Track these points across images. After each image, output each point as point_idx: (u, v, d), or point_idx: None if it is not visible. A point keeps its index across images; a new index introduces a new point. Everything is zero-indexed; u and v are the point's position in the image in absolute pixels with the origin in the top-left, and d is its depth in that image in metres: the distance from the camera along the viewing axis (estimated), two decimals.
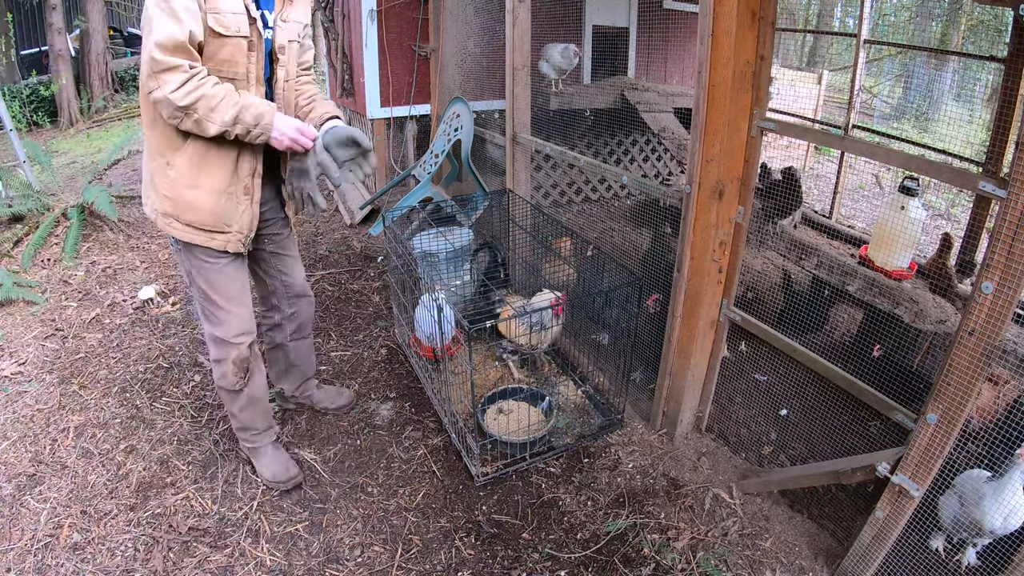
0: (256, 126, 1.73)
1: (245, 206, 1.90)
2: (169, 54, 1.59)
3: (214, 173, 1.82)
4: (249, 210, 1.92)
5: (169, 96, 1.61)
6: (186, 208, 1.84)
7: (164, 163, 1.81)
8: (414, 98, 4.59)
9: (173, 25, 1.58)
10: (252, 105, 1.72)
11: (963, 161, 3.55)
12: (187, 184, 1.81)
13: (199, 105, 1.65)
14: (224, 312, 1.97)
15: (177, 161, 1.79)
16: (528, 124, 3.12)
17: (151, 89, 1.63)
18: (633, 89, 4.54)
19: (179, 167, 1.80)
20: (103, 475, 2.23)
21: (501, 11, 2.99)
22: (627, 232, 4.31)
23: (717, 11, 1.76)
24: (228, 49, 1.71)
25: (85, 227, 4.24)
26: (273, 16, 1.83)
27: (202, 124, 1.68)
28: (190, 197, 1.83)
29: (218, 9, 1.65)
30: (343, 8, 4.98)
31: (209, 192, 1.83)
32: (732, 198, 1.97)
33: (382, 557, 1.93)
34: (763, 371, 2.58)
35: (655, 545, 1.95)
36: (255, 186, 1.90)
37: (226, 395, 2.11)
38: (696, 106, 1.90)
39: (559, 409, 2.48)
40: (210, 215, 1.86)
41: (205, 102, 1.66)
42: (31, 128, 8.66)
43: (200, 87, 1.64)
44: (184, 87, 1.62)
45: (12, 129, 4.83)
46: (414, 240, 2.99)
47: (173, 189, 1.82)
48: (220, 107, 1.67)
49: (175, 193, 1.82)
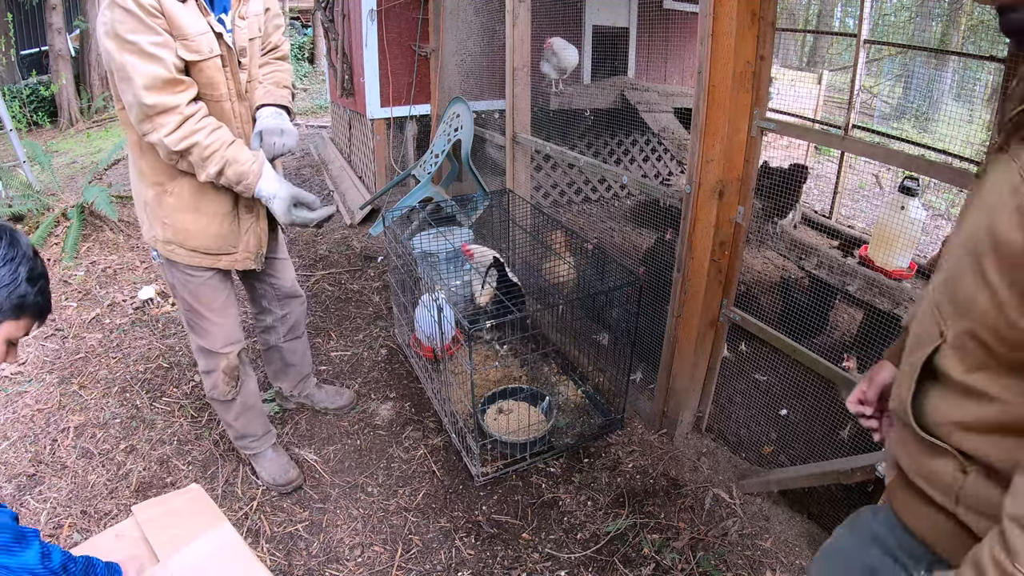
0: (239, 184, 1.71)
1: (249, 224, 1.87)
2: (159, 94, 1.54)
3: (216, 195, 1.78)
4: (255, 227, 1.88)
5: (164, 140, 1.58)
6: (187, 235, 1.80)
7: (161, 190, 1.76)
8: (414, 98, 4.59)
9: (152, 65, 1.51)
10: (237, 162, 1.68)
11: (963, 161, 3.55)
12: (187, 209, 1.77)
13: (193, 151, 1.62)
14: (210, 323, 1.95)
15: (175, 187, 1.75)
16: (528, 124, 3.12)
17: (145, 132, 1.59)
18: (633, 89, 4.55)
19: (178, 193, 1.75)
20: (103, 475, 2.23)
21: (501, 11, 2.99)
22: (627, 232, 4.31)
23: (717, 11, 1.76)
24: (206, 73, 1.66)
25: (85, 227, 4.24)
26: (230, 16, 1.72)
27: (195, 169, 1.66)
28: (191, 222, 1.78)
29: (186, 35, 1.57)
30: (343, 8, 4.98)
31: (212, 216, 1.79)
32: (732, 198, 1.97)
33: (382, 557, 1.93)
34: (763, 371, 2.58)
35: (655, 545, 1.95)
36: (258, 205, 1.86)
37: (220, 406, 2.09)
38: (696, 106, 1.90)
39: (559, 409, 2.48)
40: (215, 239, 1.82)
41: (198, 151, 1.62)
42: (31, 128, 8.67)
43: (194, 133, 1.60)
44: (179, 131, 1.58)
45: (12, 129, 4.84)
46: (414, 240, 2.99)
47: (172, 216, 1.77)
48: (211, 159, 1.64)
49: (175, 220, 1.78)
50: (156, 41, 1.51)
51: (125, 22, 1.47)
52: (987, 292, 0.68)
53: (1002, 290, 0.66)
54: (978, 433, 0.75)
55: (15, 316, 1.13)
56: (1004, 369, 0.70)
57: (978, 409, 0.74)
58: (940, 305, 0.78)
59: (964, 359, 0.74)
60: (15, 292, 1.12)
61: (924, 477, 0.83)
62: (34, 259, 1.16)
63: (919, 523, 0.87)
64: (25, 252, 1.15)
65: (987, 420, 0.73)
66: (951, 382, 0.77)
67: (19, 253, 1.13)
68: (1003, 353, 0.69)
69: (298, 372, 2.46)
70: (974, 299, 0.71)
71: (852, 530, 1.05)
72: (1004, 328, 0.67)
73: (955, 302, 0.75)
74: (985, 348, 0.71)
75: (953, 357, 0.76)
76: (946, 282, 0.78)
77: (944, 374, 0.77)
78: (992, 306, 0.68)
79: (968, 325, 0.72)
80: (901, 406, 0.84)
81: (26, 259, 1.14)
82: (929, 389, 0.80)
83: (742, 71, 1.81)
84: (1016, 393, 0.70)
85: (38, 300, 1.17)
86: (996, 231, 0.66)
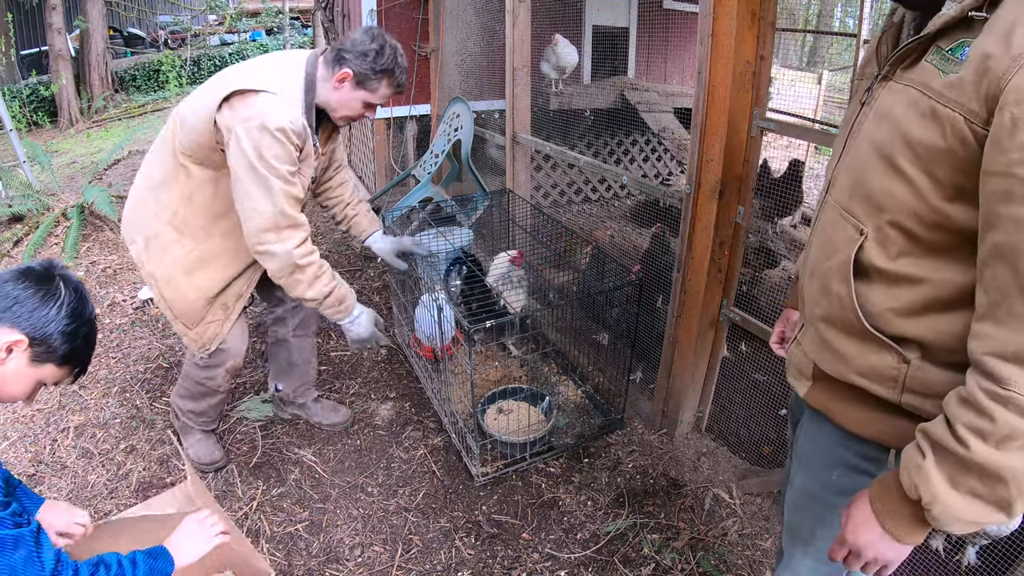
0: (339, 304, 1.87)
1: (218, 319, 1.93)
2: (296, 209, 1.70)
3: (210, 275, 1.87)
4: (217, 327, 1.94)
5: (292, 251, 1.70)
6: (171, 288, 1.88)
7: (178, 237, 1.85)
8: (414, 98, 4.59)
9: (291, 186, 1.68)
10: (342, 284, 1.87)
11: None
12: (184, 270, 1.86)
13: (309, 269, 1.75)
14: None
15: (190, 246, 1.85)
16: (528, 124, 3.12)
17: (264, 242, 1.69)
18: (633, 89, 4.55)
19: (188, 252, 1.85)
20: (103, 475, 2.23)
21: (501, 11, 3.00)
22: (627, 232, 4.31)
23: (717, 11, 1.76)
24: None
25: (85, 227, 4.24)
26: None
27: (299, 285, 1.77)
28: (180, 282, 1.87)
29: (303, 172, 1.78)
30: (343, 8, 4.98)
31: (198, 291, 1.87)
32: (732, 198, 1.97)
33: (382, 557, 1.93)
34: (763, 371, 2.58)
35: (655, 545, 1.95)
36: (235, 308, 1.94)
37: (202, 390, 2.13)
38: (696, 106, 1.90)
39: (559, 409, 2.48)
40: (181, 307, 1.90)
41: (314, 269, 1.77)
42: (31, 128, 8.67)
43: (314, 252, 1.77)
44: (304, 245, 1.73)
45: (12, 129, 4.84)
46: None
47: (171, 266, 1.86)
48: (322, 277, 1.80)
49: (170, 271, 1.86)
50: (295, 169, 1.70)
51: (272, 147, 1.63)
52: (905, 184, 0.82)
53: (919, 180, 0.80)
54: (912, 316, 0.86)
55: (61, 364, 1.21)
56: (925, 251, 0.83)
57: (909, 293, 0.85)
58: (851, 209, 0.91)
59: (888, 248, 0.86)
60: (72, 344, 1.20)
61: (865, 374, 0.92)
62: (93, 321, 1.25)
63: (869, 428, 0.95)
64: (91, 312, 1.24)
65: (918, 302, 0.85)
66: (879, 273, 0.88)
67: (87, 310, 1.23)
68: (923, 235, 0.82)
69: (301, 375, 2.41)
70: (890, 192, 0.84)
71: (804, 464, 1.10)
72: (925, 212, 0.81)
73: (870, 200, 0.87)
74: (906, 234, 0.84)
75: (876, 249, 0.87)
76: (853, 187, 0.90)
77: (871, 266, 0.88)
78: (910, 194, 0.81)
79: (889, 217, 0.85)
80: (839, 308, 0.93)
81: (89, 320, 1.23)
82: (859, 288, 0.90)
83: (742, 71, 1.81)
84: (939, 272, 0.82)
85: (85, 357, 1.26)
86: (908, 134, 0.80)
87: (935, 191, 0.79)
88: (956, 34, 0.78)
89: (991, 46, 0.71)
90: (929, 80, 0.79)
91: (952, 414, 0.77)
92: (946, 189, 0.78)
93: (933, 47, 0.81)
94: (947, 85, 0.76)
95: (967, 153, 0.75)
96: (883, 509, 0.86)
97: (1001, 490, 0.74)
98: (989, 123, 0.72)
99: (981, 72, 0.72)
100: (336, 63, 1.75)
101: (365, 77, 1.74)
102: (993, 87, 0.71)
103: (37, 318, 1.14)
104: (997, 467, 0.73)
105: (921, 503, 0.80)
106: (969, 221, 0.77)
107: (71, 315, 1.18)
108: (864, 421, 0.95)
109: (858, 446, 0.98)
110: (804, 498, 1.11)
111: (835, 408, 0.99)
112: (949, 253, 0.81)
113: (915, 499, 0.81)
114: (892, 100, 0.85)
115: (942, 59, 0.79)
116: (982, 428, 0.73)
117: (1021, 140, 0.68)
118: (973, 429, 0.74)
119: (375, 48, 1.72)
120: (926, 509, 0.80)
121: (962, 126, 0.74)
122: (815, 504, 1.07)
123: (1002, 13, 0.72)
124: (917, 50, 0.83)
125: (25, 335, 1.13)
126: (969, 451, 0.74)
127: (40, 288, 1.16)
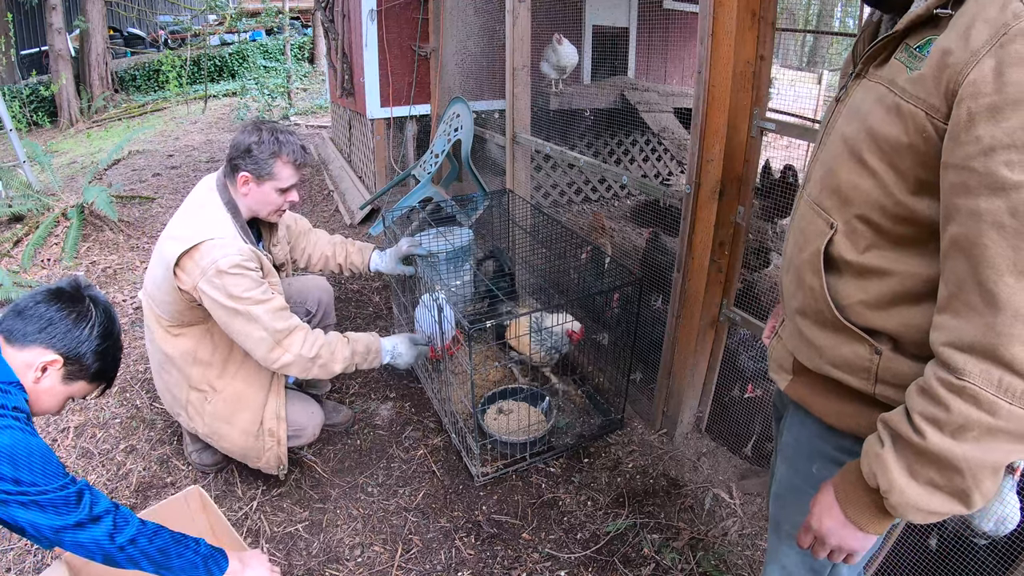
0: (370, 354, 1.98)
1: (271, 445, 2.00)
2: (285, 319, 1.79)
3: (246, 414, 1.95)
4: (275, 450, 2.00)
5: (301, 353, 1.80)
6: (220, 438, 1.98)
7: (203, 396, 1.94)
8: (414, 98, 4.59)
9: (269, 303, 1.76)
10: (357, 340, 1.96)
11: None
12: (224, 420, 1.94)
13: (323, 352, 1.83)
14: None
15: (216, 398, 1.93)
16: (528, 124, 3.12)
17: (277, 359, 1.78)
18: (633, 89, 4.55)
19: (217, 404, 1.93)
20: (103, 475, 2.23)
21: (501, 11, 2.99)
22: (627, 232, 4.31)
23: (717, 11, 1.76)
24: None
25: (85, 227, 4.24)
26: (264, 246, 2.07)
27: (328, 367, 1.86)
28: (225, 431, 1.95)
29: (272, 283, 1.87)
30: (343, 8, 4.98)
31: (243, 433, 1.95)
32: (732, 198, 1.97)
33: (382, 557, 1.93)
34: (763, 371, 2.58)
35: (655, 545, 1.95)
36: (280, 428, 1.99)
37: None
38: (696, 106, 1.90)
39: (559, 409, 2.48)
40: (240, 450, 1.99)
41: (327, 349, 1.86)
42: (31, 128, 8.67)
43: (317, 337, 1.85)
44: (307, 341, 1.82)
45: (12, 129, 4.83)
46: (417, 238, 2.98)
47: (212, 422, 1.95)
48: (337, 350, 1.88)
49: (213, 427, 1.96)
50: (264, 288, 1.78)
51: (237, 284, 1.71)
52: (871, 178, 0.83)
53: (885, 174, 0.81)
54: (882, 308, 0.86)
55: (91, 380, 1.27)
56: (891, 244, 0.84)
57: (878, 286, 0.86)
58: (821, 203, 0.92)
59: (856, 242, 0.87)
60: (103, 362, 1.26)
61: (839, 366, 0.93)
62: (120, 338, 1.33)
63: (846, 420, 0.96)
64: (119, 331, 1.32)
65: (887, 294, 0.86)
66: (848, 265, 0.89)
67: (115, 329, 1.30)
68: (889, 229, 0.83)
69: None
70: (857, 186, 0.85)
71: (786, 457, 1.11)
72: (890, 205, 0.82)
73: (838, 194, 0.88)
74: (873, 228, 0.85)
75: (845, 242, 0.88)
76: (823, 180, 0.92)
77: (840, 259, 0.89)
78: (876, 187, 0.83)
79: (856, 211, 0.86)
80: (812, 300, 0.94)
81: (117, 338, 1.31)
82: (830, 281, 0.91)
83: (742, 71, 1.81)
84: (906, 265, 0.83)
85: (113, 374, 1.33)
86: (874, 130, 0.82)
87: (900, 185, 0.80)
88: (924, 32, 0.79)
89: (951, 42, 0.72)
90: (896, 77, 0.80)
91: (911, 404, 0.78)
92: (910, 183, 0.80)
93: (902, 45, 0.82)
94: (910, 81, 0.78)
95: (929, 148, 0.76)
96: (845, 497, 0.86)
97: (958, 480, 0.74)
98: (949, 118, 0.72)
99: (941, 68, 0.73)
100: (233, 173, 1.83)
101: (259, 170, 1.81)
102: (952, 82, 0.71)
103: (71, 339, 1.19)
104: (952, 457, 0.73)
105: (880, 491, 0.80)
106: (933, 215, 0.78)
107: (102, 335, 1.24)
108: (841, 413, 0.96)
109: (836, 439, 0.98)
110: (787, 491, 1.11)
111: (813, 401, 1.00)
112: (915, 246, 0.82)
113: (874, 487, 0.81)
114: (862, 97, 0.87)
115: (910, 56, 0.80)
116: (937, 417, 0.74)
117: (977, 134, 0.68)
118: (929, 419, 0.75)
119: (254, 140, 1.79)
120: (884, 497, 0.80)
121: (924, 121, 0.75)
122: (798, 497, 1.07)
123: (964, 10, 0.73)
124: (888, 48, 0.84)
125: (60, 355, 1.18)
126: (925, 440, 0.75)
127: (72, 310, 1.21)
